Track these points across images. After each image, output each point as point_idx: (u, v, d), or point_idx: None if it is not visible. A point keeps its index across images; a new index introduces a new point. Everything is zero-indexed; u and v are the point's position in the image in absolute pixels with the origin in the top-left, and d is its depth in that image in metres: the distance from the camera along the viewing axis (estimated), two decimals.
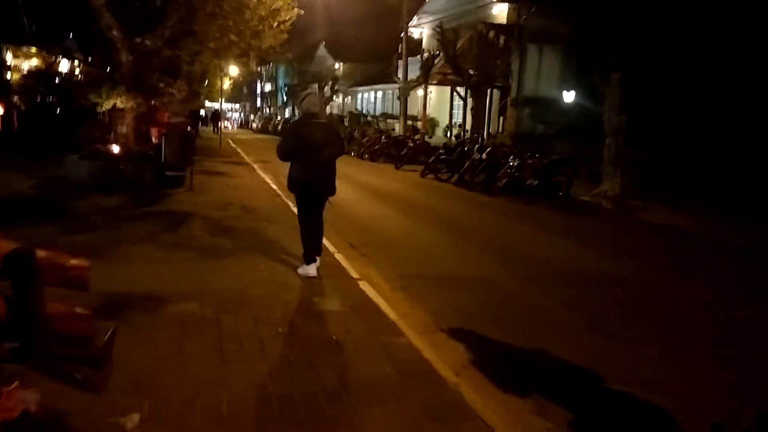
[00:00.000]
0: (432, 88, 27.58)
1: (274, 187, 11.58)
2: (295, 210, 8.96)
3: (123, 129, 10.68)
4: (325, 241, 6.84)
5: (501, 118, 20.83)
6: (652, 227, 10.41)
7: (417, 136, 20.46)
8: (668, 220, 10.77)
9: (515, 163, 12.66)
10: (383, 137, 21.07)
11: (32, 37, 17.61)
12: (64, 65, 18.91)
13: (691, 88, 13.98)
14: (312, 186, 5.64)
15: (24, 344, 2.08)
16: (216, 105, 49.85)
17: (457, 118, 26.85)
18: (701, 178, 13.15)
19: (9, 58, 17.77)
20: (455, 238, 8.38)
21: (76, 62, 18.93)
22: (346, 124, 37.96)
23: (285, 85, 54.47)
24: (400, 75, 25.62)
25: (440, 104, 29.77)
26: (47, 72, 17.30)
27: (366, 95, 44.73)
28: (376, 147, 20.54)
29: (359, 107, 44.50)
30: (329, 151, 5.63)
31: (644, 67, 12.60)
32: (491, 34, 19.66)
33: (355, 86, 45.25)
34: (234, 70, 44.65)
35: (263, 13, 14.97)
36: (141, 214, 8.09)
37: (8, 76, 17.51)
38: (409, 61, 25.74)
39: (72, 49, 19.87)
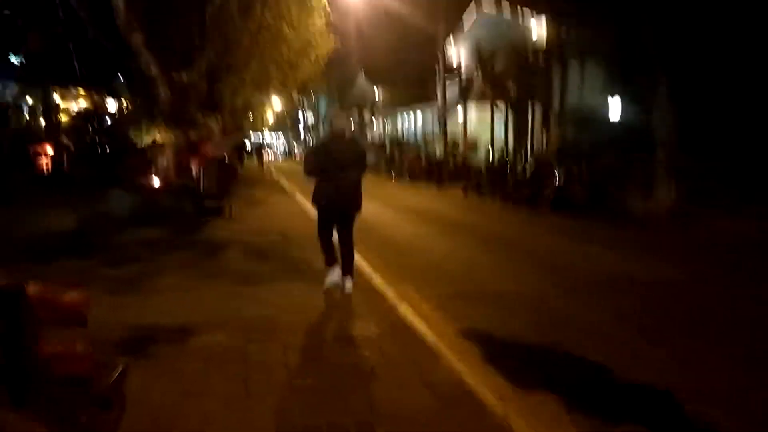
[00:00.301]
0: (472, 108, 27.32)
1: (313, 213, 11.48)
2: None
3: (163, 162, 10.85)
4: (361, 262, 6.64)
5: (544, 134, 20.30)
6: (709, 235, 9.75)
7: (458, 156, 20.18)
8: (726, 227, 10.08)
9: (561, 177, 12.20)
10: (424, 158, 20.91)
11: (81, 79, 18.37)
12: (111, 105, 19.66)
13: (743, 87, 13.21)
14: (337, 202, 5.54)
15: (17, 388, 1.92)
16: (260, 136, 50.92)
17: (499, 136, 26.46)
18: (756, 180, 12.32)
19: (58, 99, 18.55)
20: (498, 255, 8.01)
21: (124, 102, 19.63)
22: (387, 146, 38.10)
23: (324, 114, 55.31)
24: (439, 96, 25.46)
25: (481, 123, 29.35)
26: (95, 112, 17.99)
27: (406, 118, 44.82)
28: (416, 168, 20.38)
29: (400, 130, 44.60)
30: (356, 170, 5.57)
31: (691, 69, 12.00)
32: (530, 50, 19.31)
33: (395, 110, 45.46)
34: (276, 102, 45.73)
35: (299, 46, 15.18)
36: (178, 244, 8.07)
37: (58, 117, 18.29)
38: (448, 82, 25.63)
39: (119, 90, 20.63)
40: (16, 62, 11.02)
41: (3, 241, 7.94)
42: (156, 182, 10.69)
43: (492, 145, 26.10)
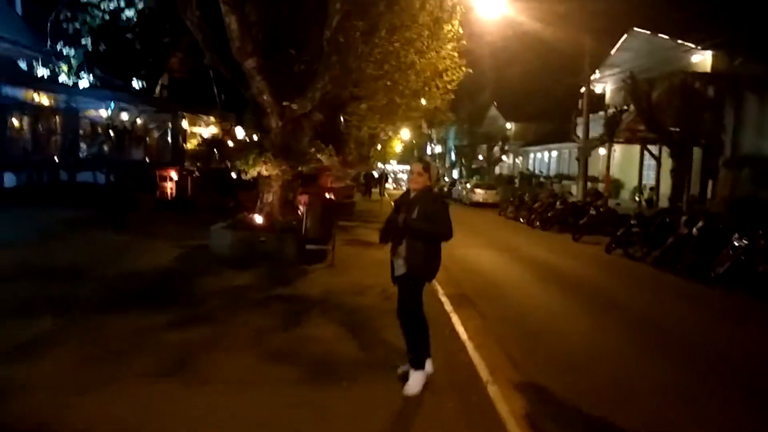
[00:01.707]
0: (616, 147, 24.52)
1: None
2: (444, 299, 7.32)
3: (269, 197, 9.96)
4: (477, 357, 5.02)
5: (708, 182, 17.20)
6: None
7: (600, 202, 17.68)
8: None
9: (742, 244, 9.57)
10: (558, 202, 18.61)
11: (210, 106, 18.58)
12: (240, 133, 19.76)
13: None
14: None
15: None
16: (387, 166, 50.64)
17: (648, 180, 23.36)
18: None
19: (186, 125, 18.82)
20: (667, 355, 5.90)
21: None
22: (516, 185, 35.89)
23: (454, 147, 54.14)
24: (579, 133, 23.09)
25: (625, 164, 26.37)
26: (221, 139, 18.05)
27: (539, 155, 42.30)
28: (549, 213, 18.14)
29: (531, 168, 42.08)
30: None
31: None
32: (696, 84, 16.51)
33: (527, 146, 43.05)
34: (405, 133, 45.41)
35: (428, 74, 13.98)
36: (265, 298, 6.91)
37: (185, 143, 18.57)
38: (590, 118, 23.23)
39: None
40: (137, 86, 10.92)
41: (88, 279, 7.33)
42: (258, 219, 9.81)
43: (640, 190, 23.06)
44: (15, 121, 17.63)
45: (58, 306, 5.90)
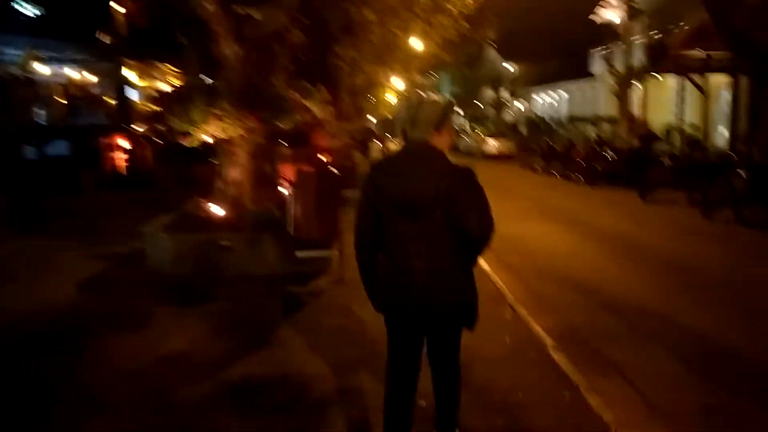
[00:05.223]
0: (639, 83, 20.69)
1: (494, 276, 6.34)
2: (561, 361, 3.79)
3: (233, 174, 6.28)
4: None
5: None
6: None
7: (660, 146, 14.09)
8: None
9: None
10: (608, 150, 15.03)
11: (169, 53, 14.60)
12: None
13: None
14: (416, 297, 2.22)
15: None
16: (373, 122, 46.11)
17: (688, 119, 19.83)
18: None
19: (132, 77, 14.80)
20: None
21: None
22: (524, 133, 32.38)
23: (451, 95, 50.01)
24: (618, 62, 19.13)
25: (651, 102, 22.53)
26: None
27: (544, 97, 38.40)
28: (599, 166, 14.60)
29: (537, 112, 38.22)
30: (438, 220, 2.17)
31: None
32: None
33: (531, 87, 39.02)
34: (398, 84, 41.13)
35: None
36: (203, 399, 3.34)
37: (135, 100, 14.61)
38: (596, 53, 19.46)
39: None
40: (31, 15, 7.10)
41: None
42: (217, 210, 6.16)
43: (681, 130, 19.61)
44: None
45: None
